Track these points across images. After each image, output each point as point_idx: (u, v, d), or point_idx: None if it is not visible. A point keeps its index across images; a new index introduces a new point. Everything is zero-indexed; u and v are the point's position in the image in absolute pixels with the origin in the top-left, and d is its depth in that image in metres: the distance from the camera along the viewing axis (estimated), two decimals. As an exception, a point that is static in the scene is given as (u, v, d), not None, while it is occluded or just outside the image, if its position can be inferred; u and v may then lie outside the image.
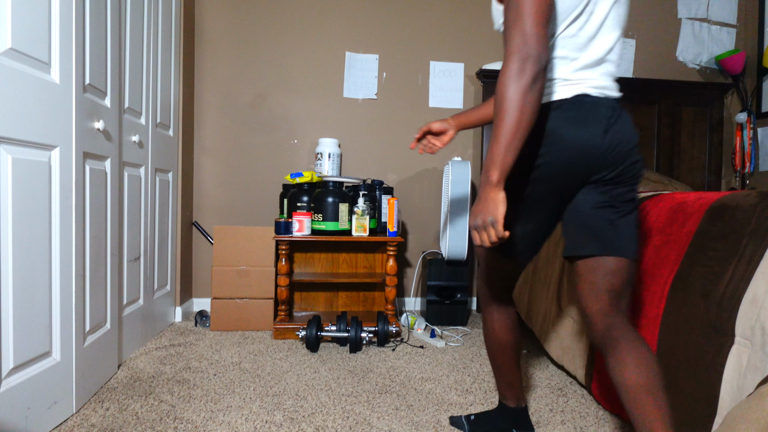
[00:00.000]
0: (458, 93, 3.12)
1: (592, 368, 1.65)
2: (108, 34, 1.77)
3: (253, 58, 2.98)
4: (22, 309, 1.30)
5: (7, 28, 1.24)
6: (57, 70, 1.43)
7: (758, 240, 1.14)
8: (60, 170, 1.45)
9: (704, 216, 1.31)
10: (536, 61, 0.94)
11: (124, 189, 2.00)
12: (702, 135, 3.23)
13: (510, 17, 0.96)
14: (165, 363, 2.02)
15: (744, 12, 3.36)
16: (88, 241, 1.62)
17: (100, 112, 1.71)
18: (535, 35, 0.95)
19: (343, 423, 1.52)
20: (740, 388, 1.09)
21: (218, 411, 1.58)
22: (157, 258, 2.39)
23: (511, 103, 0.94)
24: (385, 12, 3.07)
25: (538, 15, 0.95)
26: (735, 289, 1.15)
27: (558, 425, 1.53)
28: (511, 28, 0.96)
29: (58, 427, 1.45)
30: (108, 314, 1.81)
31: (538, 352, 2.24)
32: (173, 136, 2.60)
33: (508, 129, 0.95)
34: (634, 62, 3.28)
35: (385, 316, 2.32)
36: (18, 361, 1.30)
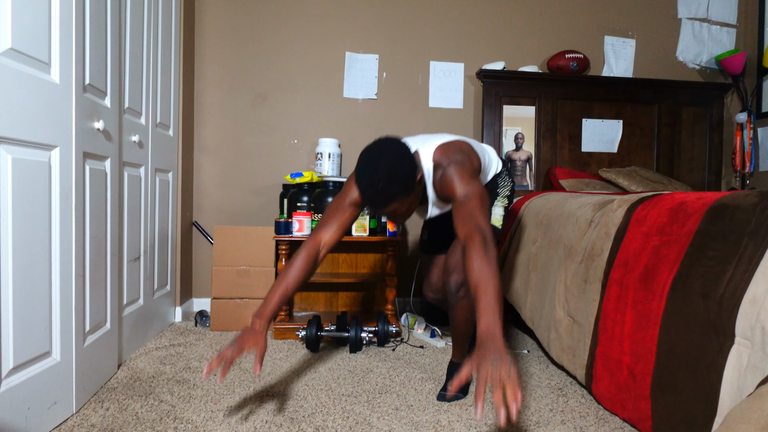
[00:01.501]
0: (458, 93, 3.12)
1: (592, 368, 1.65)
2: (108, 34, 1.77)
3: (253, 58, 2.98)
4: (22, 309, 1.30)
5: (7, 28, 1.24)
6: (57, 70, 1.43)
7: (758, 240, 1.14)
8: (60, 170, 1.45)
9: (704, 216, 1.31)
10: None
11: (124, 189, 2.00)
12: (702, 135, 3.23)
13: (477, 213, 1.34)
14: (165, 363, 2.02)
15: (744, 12, 3.36)
16: (88, 241, 1.62)
17: (100, 112, 1.71)
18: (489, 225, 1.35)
19: (343, 423, 1.52)
20: (740, 388, 1.09)
21: (218, 411, 1.58)
22: (157, 258, 2.39)
23: (497, 273, 1.23)
24: (385, 12, 3.08)
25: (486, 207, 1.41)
26: (735, 289, 1.15)
27: (558, 425, 1.53)
28: (480, 218, 1.33)
29: (58, 427, 1.45)
30: (108, 314, 1.81)
31: (538, 352, 2.24)
32: (173, 136, 2.60)
33: (500, 293, 1.21)
34: (634, 62, 3.28)
35: (385, 316, 2.32)
36: (18, 361, 1.29)
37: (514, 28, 3.18)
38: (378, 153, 1.36)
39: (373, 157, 1.35)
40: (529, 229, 2.32)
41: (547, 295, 2.02)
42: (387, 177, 1.33)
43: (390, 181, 1.33)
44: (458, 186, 1.40)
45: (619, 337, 1.52)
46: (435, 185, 1.51)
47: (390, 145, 1.38)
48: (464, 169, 1.43)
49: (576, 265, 1.83)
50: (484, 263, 1.23)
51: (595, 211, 1.84)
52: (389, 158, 1.34)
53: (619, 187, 2.86)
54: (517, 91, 3.07)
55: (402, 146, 1.39)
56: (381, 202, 1.36)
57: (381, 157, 1.35)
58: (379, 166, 1.33)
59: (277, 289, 1.50)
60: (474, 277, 1.22)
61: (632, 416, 1.45)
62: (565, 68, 3.07)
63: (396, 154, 1.36)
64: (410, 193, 1.39)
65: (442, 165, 1.47)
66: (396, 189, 1.34)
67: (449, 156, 1.48)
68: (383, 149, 1.36)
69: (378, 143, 1.39)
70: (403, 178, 1.35)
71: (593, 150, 3.14)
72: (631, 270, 1.52)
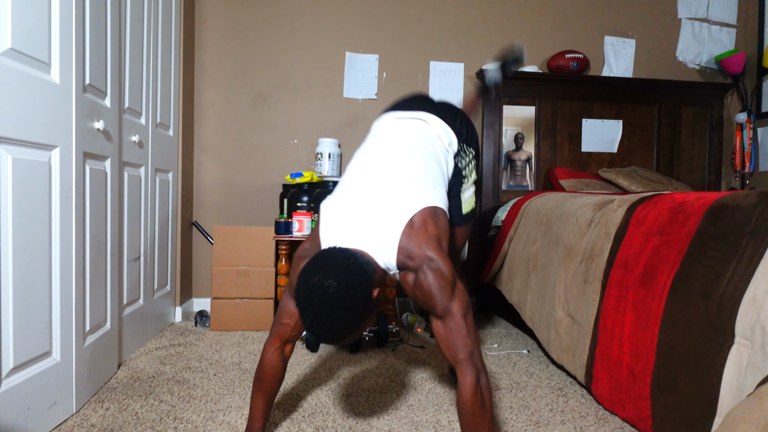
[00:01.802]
0: (458, 93, 3.12)
1: (591, 368, 1.65)
2: (108, 34, 1.77)
3: (253, 58, 2.98)
4: (22, 309, 1.30)
5: (7, 28, 1.24)
6: (57, 70, 1.43)
7: (758, 240, 1.14)
8: (60, 170, 1.45)
9: (704, 216, 1.31)
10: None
11: (124, 189, 2.00)
12: (702, 135, 3.23)
13: (467, 342, 1.14)
14: (165, 363, 2.02)
15: (744, 12, 3.36)
16: (88, 241, 1.62)
17: (100, 112, 1.71)
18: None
19: (343, 423, 1.52)
20: (740, 388, 1.09)
21: (218, 411, 1.58)
22: (157, 258, 2.39)
23: (491, 410, 1.15)
24: (385, 12, 3.08)
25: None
26: (735, 289, 1.15)
27: (558, 425, 1.53)
28: (472, 347, 1.14)
29: (58, 427, 1.45)
30: (108, 314, 1.81)
31: (538, 352, 2.24)
32: (173, 136, 2.60)
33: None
34: (634, 62, 3.28)
35: (385, 316, 2.32)
36: (18, 361, 1.29)
37: (514, 28, 3.18)
38: (320, 286, 1.04)
39: (316, 290, 1.04)
40: (529, 229, 2.32)
41: (547, 295, 2.02)
42: (337, 315, 1.04)
43: (341, 318, 1.04)
44: (439, 300, 1.13)
45: (618, 337, 1.52)
46: (406, 286, 1.20)
47: (335, 268, 1.06)
48: (443, 277, 1.13)
49: (576, 265, 1.83)
50: (478, 420, 1.12)
51: (595, 211, 1.84)
52: (338, 291, 1.04)
53: (619, 187, 2.86)
54: (517, 91, 3.07)
55: (352, 267, 1.08)
56: (332, 341, 1.08)
57: (325, 291, 1.03)
58: (325, 305, 1.03)
59: (258, 399, 1.33)
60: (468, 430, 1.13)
61: (632, 416, 1.45)
62: (565, 68, 3.07)
63: (346, 284, 1.05)
64: (366, 320, 1.12)
65: (411, 267, 1.16)
66: (349, 325, 1.06)
67: (420, 256, 1.15)
68: (328, 275, 1.05)
69: (318, 266, 1.07)
70: (357, 312, 1.06)
71: (593, 150, 3.14)
72: (631, 270, 1.52)
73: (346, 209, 1.24)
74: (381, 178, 1.28)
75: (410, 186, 1.26)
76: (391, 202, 1.21)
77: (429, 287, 1.13)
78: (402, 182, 1.26)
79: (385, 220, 1.18)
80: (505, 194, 3.06)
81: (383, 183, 1.26)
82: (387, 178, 1.28)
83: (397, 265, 1.18)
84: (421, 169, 1.33)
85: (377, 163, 1.34)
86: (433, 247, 1.15)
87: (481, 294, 3.06)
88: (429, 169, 1.35)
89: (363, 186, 1.27)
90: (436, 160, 1.42)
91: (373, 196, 1.24)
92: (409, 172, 1.30)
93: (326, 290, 1.03)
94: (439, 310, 1.14)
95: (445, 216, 1.27)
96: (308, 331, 1.08)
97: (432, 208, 1.22)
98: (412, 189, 1.25)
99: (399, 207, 1.20)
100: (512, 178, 3.09)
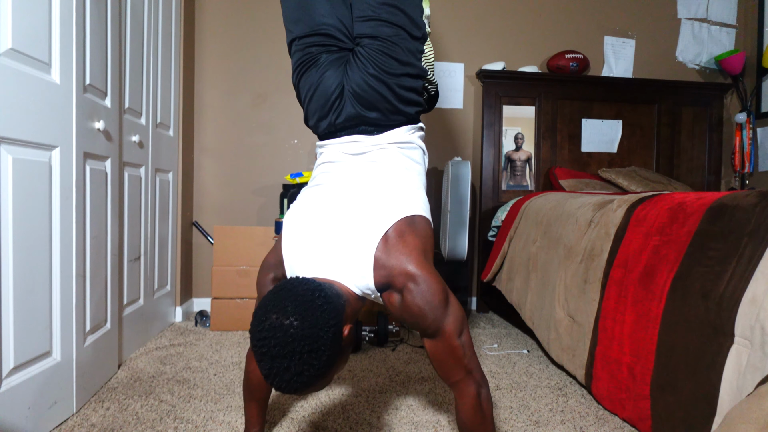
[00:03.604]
0: (458, 93, 3.12)
1: (591, 368, 1.65)
2: (108, 34, 1.77)
3: (253, 58, 2.98)
4: (22, 309, 1.30)
5: (7, 28, 1.24)
6: (57, 70, 1.43)
7: (758, 240, 1.14)
8: (60, 170, 1.45)
9: (704, 216, 1.31)
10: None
11: (124, 189, 2.00)
12: (702, 135, 3.24)
13: (464, 363, 1.06)
14: (165, 363, 2.02)
15: (744, 12, 3.36)
16: (88, 241, 1.62)
17: (101, 112, 1.71)
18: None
19: (343, 423, 1.52)
20: (740, 388, 1.09)
21: (218, 411, 1.58)
22: (157, 258, 2.39)
23: (492, 422, 1.11)
24: (385, 12, 3.07)
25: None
26: (735, 289, 1.15)
27: (558, 425, 1.53)
28: (472, 366, 1.08)
29: (59, 426, 1.45)
30: (108, 314, 1.81)
31: (538, 352, 2.25)
32: (173, 136, 2.60)
33: None
34: (633, 62, 3.28)
35: (385, 316, 2.32)
36: (18, 361, 1.30)
37: (514, 28, 3.18)
38: (280, 327, 0.88)
39: (274, 331, 0.88)
40: (529, 229, 2.32)
41: (546, 295, 2.02)
42: (300, 361, 0.88)
43: (305, 364, 0.88)
44: (431, 321, 1.01)
45: (618, 337, 1.52)
46: (392, 308, 1.06)
47: (297, 304, 0.90)
48: (432, 295, 1.01)
49: (576, 265, 1.83)
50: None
51: (594, 211, 1.84)
52: (300, 332, 0.88)
53: (619, 187, 2.86)
54: (517, 91, 3.07)
55: (317, 301, 0.92)
56: (296, 391, 0.91)
57: (285, 332, 0.88)
58: (285, 348, 0.87)
59: (251, 406, 1.28)
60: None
61: (632, 416, 1.45)
62: (564, 68, 3.07)
63: (310, 323, 0.89)
64: (337, 363, 0.95)
65: (394, 287, 1.03)
66: (315, 372, 0.90)
67: (403, 273, 1.01)
68: (287, 313, 0.89)
69: (277, 302, 0.91)
70: (324, 356, 0.90)
71: (593, 150, 3.14)
72: (631, 270, 1.53)
73: (311, 225, 1.09)
74: (350, 188, 1.15)
75: (381, 196, 1.12)
76: (360, 216, 1.07)
77: (418, 308, 1.00)
78: (372, 192, 1.13)
79: (355, 239, 1.04)
80: (505, 194, 3.06)
81: (352, 194, 1.13)
82: (356, 189, 1.14)
83: (377, 287, 1.04)
84: (394, 175, 1.19)
85: (347, 174, 1.20)
86: (415, 260, 1.02)
87: (481, 294, 3.06)
88: (403, 175, 1.20)
89: (330, 199, 1.13)
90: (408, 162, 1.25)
91: (341, 211, 1.09)
92: (380, 179, 1.16)
93: (286, 331, 0.87)
94: (431, 331, 1.03)
95: (426, 222, 1.13)
96: (266, 380, 0.90)
97: (408, 218, 1.09)
98: (384, 199, 1.11)
99: (369, 222, 1.06)
100: (512, 178, 3.09)
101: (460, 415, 1.09)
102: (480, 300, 3.08)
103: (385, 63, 1.17)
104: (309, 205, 1.15)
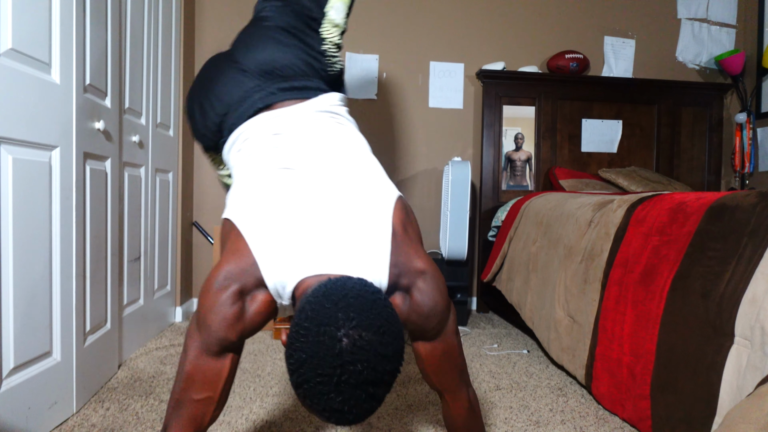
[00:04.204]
0: (458, 93, 3.12)
1: (591, 368, 1.65)
2: (108, 35, 1.77)
3: (253, 58, 2.97)
4: (22, 309, 1.30)
5: (7, 28, 1.24)
6: (57, 70, 1.43)
7: (758, 240, 1.14)
8: (60, 170, 1.45)
9: (704, 216, 1.32)
10: None
11: (124, 189, 2.00)
12: (702, 135, 3.24)
13: (460, 362, 1.02)
14: (165, 363, 2.02)
15: (744, 12, 3.36)
16: (88, 241, 1.63)
17: (101, 113, 1.71)
18: None
19: (344, 423, 1.52)
20: (740, 388, 1.09)
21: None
22: (157, 258, 2.39)
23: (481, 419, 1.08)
24: (385, 12, 3.08)
25: None
26: (734, 289, 1.15)
27: (558, 425, 1.53)
28: (465, 371, 1.03)
29: (59, 426, 1.45)
30: (108, 314, 1.81)
31: (538, 352, 2.25)
32: (173, 136, 2.60)
33: None
34: (633, 62, 3.28)
35: (385, 316, 2.31)
36: (18, 361, 1.30)
37: (514, 28, 3.18)
38: (373, 353, 0.71)
39: (367, 363, 0.71)
40: (529, 229, 2.32)
41: (546, 295, 2.02)
42: (378, 379, 0.72)
43: (389, 387, 0.75)
44: (438, 321, 0.92)
45: (618, 337, 1.52)
46: (397, 311, 0.87)
47: (377, 319, 0.74)
48: (441, 293, 0.92)
49: (576, 265, 1.83)
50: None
51: (594, 211, 1.84)
52: (394, 353, 0.75)
53: (619, 187, 2.86)
54: (517, 92, 3.07)
55: (379, 303, 0.77)
56: (368, 415, 0.75)
57: (379, 357, 0.72)
58: (380, 385, 0.73)
59: None
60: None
61: (632, 416, 1.45)
62: (564, 68, 3.07)
63: (386, 329, 0.75)
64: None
65: (402, 287, 0.91)
66: (388, 387, 0.76)
67: (412, 271, 0.90)
68: (369, 332, 0.72)
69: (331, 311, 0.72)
70: (398, 363, 0.77)
71: (593, 150, 3.14)
72: (631, 270, 1.53)
73: (296, 216, 0.90)
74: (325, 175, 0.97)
75: (364, 174, 0.99)
76: (356, 201, 0.93)
77: (429, 307, 0.90)
78: (352, 168, 1.00)
79: (362, 231, 0.89)
80: (505, 194, 3.06)
81: (330, 173, 0.97)
82: (334, 174, 0.97)
83: (388, 289, 0.90)
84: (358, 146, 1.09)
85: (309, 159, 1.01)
86: (421, 254, 0.92)
87: (481, 294, 3.06)
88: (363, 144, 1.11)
89: (303, 189, 0.94)
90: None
91: (328, 195, 0.93)
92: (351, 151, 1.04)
93: (374, 349, 0.70)
94: (436, 331, 0.93)
95: (407, 203, 1.03)
96: (329, 419, 0.72)
97: (400, 201, 0.98)
98: (370, 179, 0.99)
99: (370, 209, 0.92)
100: (512, 178, 3.09)
101: (455, 420, 1.04)
102: (480, 300, 3.07)
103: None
104: (279, 192, 0.94)
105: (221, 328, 0.85)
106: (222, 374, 0.89)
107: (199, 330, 0.88)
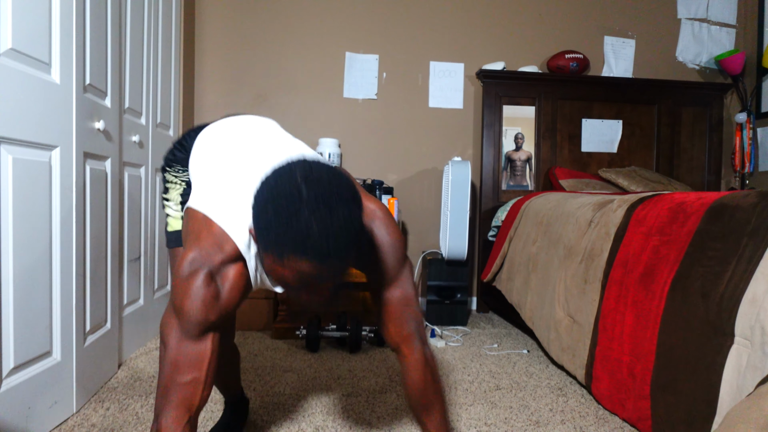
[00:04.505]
0: (458, 93, 3.12)
1: (591, 368, 1.65)
2: (108, 34, 1.77)
3: (253, 58, 2.98)
4: (22, 309, 1.30)
5: (7, 28, 1.24)
6: (57, 70, 1.43)
7: (758, 240, 1.14)
8: (60, 170, 1.45)
9: (704, 216, 1.32)
10: None
11: (124, 189, 2.00)
12: (702, 135, 3.24)
13: (416, 311, 1.06)
14: (165, 363, 2.02)
15: (744, 12, 3.37)
16: (88, 241, 1.63)
17: (101, 112, 1.71)
18: None
19: (343, 423, 1.52)
20: (740, 388, 1.09)
21: (218, 411, 1.58)
22: (157, 258, 2.39)
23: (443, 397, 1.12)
24: (385, 12, 3.08)
25: None
26: (735, 289, 1.15)
27: (558, 425, 1.53)
28: (420, 318, 1.07)
29: (59, 426, 1.45)
30: (108, 314, 1.81)
31: (538, 352, 2.25)
32: (173, 136, 2.60)
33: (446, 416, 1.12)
34: (633, 62, 3.29)
35: (385, 316, 2.32)
36: (18, 361, 1.30)
37: (514, 28, 3.18)
38: (318, 184, 0.77)
39: (320, 189, 0.76)
40: (529, 229, 2.32)
41: (547, 295, 2.02)
42: (348, 209, 0.78)
43: (353, 214, 0.80)
44: (397, 260, 0.98)
45: (618, 337, 1.52)
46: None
47: (338, 186, 0.79)
48: (396, 230, 1.00)
49: (576, 265, 1.83)
50: (431, 396, 1.06)
51: (594, 211, 1.84)
52: (340, 183, 0.80)
53: (619, 187, 2.86)
54: (517, 91, 3.07)
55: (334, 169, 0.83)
56: (346, 256, 0.79)
57: (326, 184, 0.78)
58: (338, 202, 0.77)
59: None
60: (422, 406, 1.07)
61: (632, 416, 1.45)
62: (565, 68, 3.07)
63: (351, 196, 0.80)
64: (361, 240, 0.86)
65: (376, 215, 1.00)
66: (357, 226, 0.81)
67: (367, 209, 0.98)
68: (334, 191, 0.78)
69: (320, 186, 0.77)
70: (360, 218, 0.82)
71: (593, 150, 3.15)
72: (631, 270, 1.53)
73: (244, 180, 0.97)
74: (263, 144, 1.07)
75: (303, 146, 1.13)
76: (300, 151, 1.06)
77: (389, 242, 0.98)
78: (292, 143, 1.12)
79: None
80: (505, 194, 3.06)
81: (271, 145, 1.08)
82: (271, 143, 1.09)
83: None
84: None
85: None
86: (369, 197, 1.00)
87: (481, 294, 3.06)
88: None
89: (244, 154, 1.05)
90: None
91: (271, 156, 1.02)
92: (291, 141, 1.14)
93: (315, 178, 0.77)
94: (396, 271, 0.99)
95: None
96: (308, 244, 0.75)
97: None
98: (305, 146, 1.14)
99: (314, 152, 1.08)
100: (512, 178, 3.09)
101: (408, 379, 1.05)
102: (480, 300, 3.08)
103: None
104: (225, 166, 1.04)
105: (200, 311, 0.87)
106: (206, 354, 0.91)
107: (178, 318, 0.90)
